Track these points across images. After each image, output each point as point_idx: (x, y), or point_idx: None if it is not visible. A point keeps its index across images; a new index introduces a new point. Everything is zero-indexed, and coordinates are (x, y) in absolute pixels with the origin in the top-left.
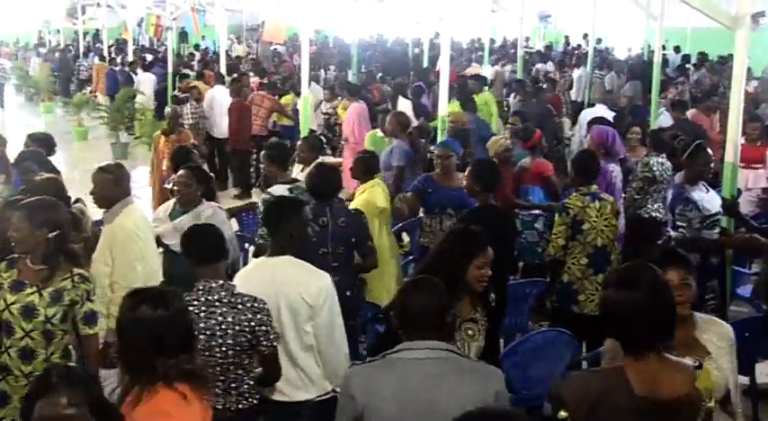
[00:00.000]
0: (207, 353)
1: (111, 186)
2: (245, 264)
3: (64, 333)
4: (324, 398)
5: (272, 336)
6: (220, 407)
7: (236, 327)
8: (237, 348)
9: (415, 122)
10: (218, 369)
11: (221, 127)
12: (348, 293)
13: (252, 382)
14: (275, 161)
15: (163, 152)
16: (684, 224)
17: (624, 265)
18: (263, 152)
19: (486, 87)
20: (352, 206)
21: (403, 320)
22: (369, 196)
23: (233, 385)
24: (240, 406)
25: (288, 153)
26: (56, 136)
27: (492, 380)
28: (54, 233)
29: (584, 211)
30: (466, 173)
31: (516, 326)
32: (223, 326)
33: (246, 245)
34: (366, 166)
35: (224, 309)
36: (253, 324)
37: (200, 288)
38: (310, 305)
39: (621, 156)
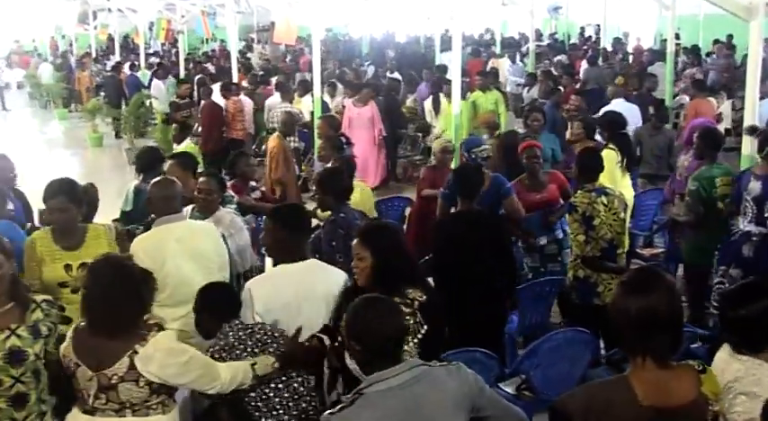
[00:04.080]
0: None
1: (148, 203)
2: (263, 270)
3: (44, 366)
4: None
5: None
6: None
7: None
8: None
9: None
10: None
11: None
12: None
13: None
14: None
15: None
16: None
17: (635, 270)
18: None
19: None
20: None
21: (372, 350)
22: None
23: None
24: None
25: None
26: (70, 143)
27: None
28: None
29: (593, 207)
30: None
31: (535, 325)
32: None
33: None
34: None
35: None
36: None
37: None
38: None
39: None
